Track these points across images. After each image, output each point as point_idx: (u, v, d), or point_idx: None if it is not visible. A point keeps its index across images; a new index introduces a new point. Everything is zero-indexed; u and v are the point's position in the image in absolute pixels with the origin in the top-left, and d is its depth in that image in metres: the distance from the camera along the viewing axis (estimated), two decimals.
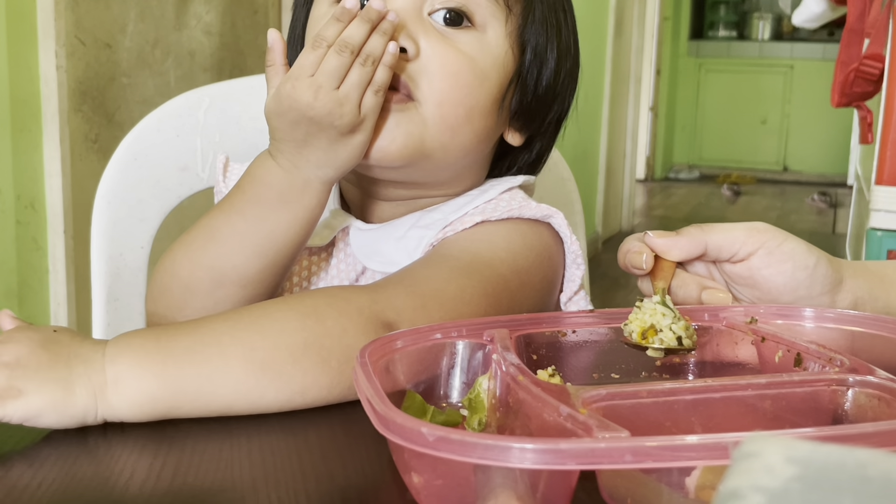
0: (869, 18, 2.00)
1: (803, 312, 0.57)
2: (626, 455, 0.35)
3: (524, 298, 0.67)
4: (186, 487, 0.44)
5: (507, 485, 0.38)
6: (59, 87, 1.54)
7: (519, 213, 0.70)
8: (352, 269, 0.74)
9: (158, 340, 0.54)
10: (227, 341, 0.54)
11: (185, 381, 0.52)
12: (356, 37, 0.62)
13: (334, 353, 0.54)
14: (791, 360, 0.52)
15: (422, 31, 0.67)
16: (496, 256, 0.66)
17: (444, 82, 0.67)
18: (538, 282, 0.69)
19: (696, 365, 0.57)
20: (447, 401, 0.53)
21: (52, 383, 0.51)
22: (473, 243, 0.67)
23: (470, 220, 0.69)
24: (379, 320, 0.57)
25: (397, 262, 0.70)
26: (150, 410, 0.52)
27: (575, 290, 0.73)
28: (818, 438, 0.36)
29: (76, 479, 0.46)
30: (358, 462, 0.47)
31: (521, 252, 0.68)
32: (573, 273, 0.73)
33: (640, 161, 6.29)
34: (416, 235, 0.72)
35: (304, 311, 0.56)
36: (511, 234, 0.69)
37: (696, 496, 0.39)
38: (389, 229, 0.73)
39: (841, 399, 0.46)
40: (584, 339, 0.56)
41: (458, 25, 0.68)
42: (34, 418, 0.50)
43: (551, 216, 0.71)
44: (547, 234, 0.71)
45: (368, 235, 0.74)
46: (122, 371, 0.52)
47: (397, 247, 0.72)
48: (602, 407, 0.42)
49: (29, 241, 1.54)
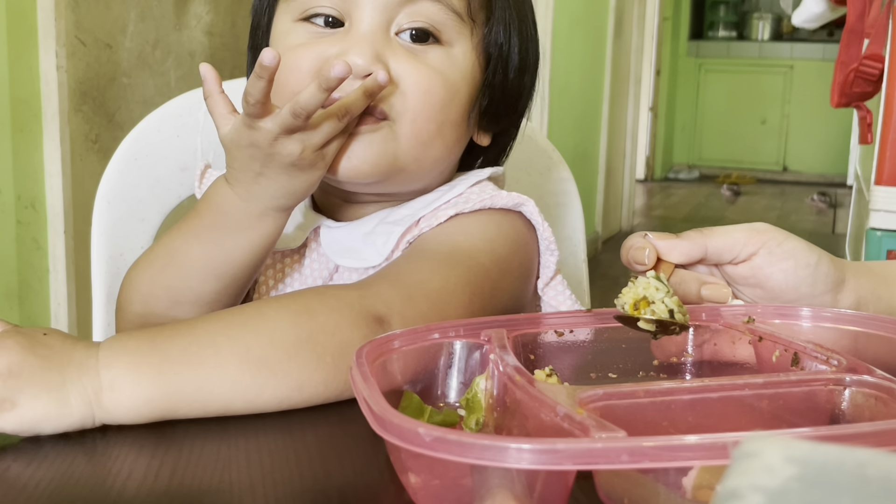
0: (869, 18, 2.00)
1: (800, 312, 0.57)
2: (623, 455, 0.35)
3: (505, 286, 0.68)
4: (184, 488, 0.44)
5: (504, 485, 0.38)
6: (59, 88, 1.54)
7: (491, 203, 0.71)
8: (324, 267, 0.75)
9: (153, 343, 0.53)
10: (223, 341, 0.54)
11: (181, 384, 0.52)
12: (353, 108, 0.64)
13: (328, 348, 0.55)
14: (788, 359, 0.52)
15: (390, 51, 0.68)
16: (474, 246, 0.67)
17: (416, 99, 0.68)
18: (516, 269, 0.71)
19: (694, 365, 0.57)
20: (444, 401, 0.53)
21: (45, 393, 0.50)
22: (451, 236, 0.68)
23: (444, 214, 0.70)
24: (370, 314, 0.57)
25: (367, 258, 0.72)
26: (147, 414, 0.52)
27: (551, 276, 0.74)
28: (816, 438, 0.36)
29: (74, 479, 0.46)
30: (355, 462, 0.47)
31: (498, 241, 0.69)
32: (547, 259, 0.74)
33: (639, 161, 6.29)
34: (385, 231, 0.72)
35: (296, 308, 0.57)
36: (486, 224, 0.70)
37: (694, 496, 0.39)
38: (358, 225, 0.75)
39: (838, 398, 0.46)
40: (581, 338, 0.56)
41: (424, 42, 0.69)
42: (30, 429, 0.50)
43: (523, 204, 0.72)
44: (519, 222, 0.72)
45: (338, 233, 0.75)
46: (118, 376, 0.51)
47: (366, 242, 0.73)
48: (599, 407, 0.42)
49: (29, 241, 1.54)
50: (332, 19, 0.69)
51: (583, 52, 4.01)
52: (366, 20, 0.68)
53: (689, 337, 0.58)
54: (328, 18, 0.69)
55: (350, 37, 0.68)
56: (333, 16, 0.69)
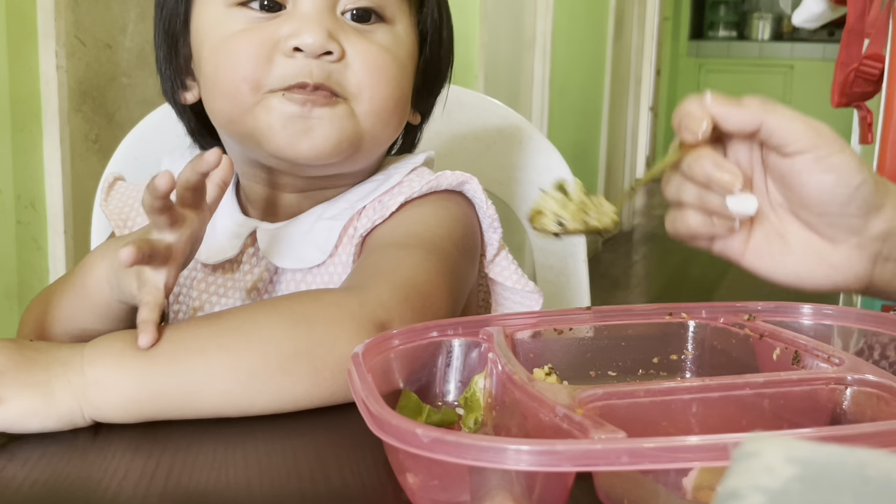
0: (869, 18, 2.00)
1: (801, 309, 0.57)
2: (623, 456, 0.35)
3: (465, 267, 0.69)
4: (180, 489, 0.44)
5: (503, 486, 0.38)
6: (59, 87, 1.54)
7: (437, 185, 0.71)
8: (264, 270, 0.73)
9: (138, 350, 0.53)
10: (212, 349, 0.53)
11: (167, 388, 0.52)
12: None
13: (327, 362, 0.53)
14: (789, 357, 0.51)
15: (340, 31, 0.68)
16: (436, 234, 0.67)
17: (371, 77, 0.68)
18: (470, 249, 0.71)
19: (694, 363, 0.57)
20: (443, 400, 0.52)
21: (30, 388, 0.50)
22: (410, 226, 0.68)
23: (393, 203, 0.69)
24: (371, 323, 0.55)
25: (307, 257, 0.71)
26: (136, 412, 0.52)
27: (495, 253, 0.75)
28: (818, 438, 0.36)
29: (69, 481, 0.45)
30: (353, 463, 0.47)
31: (451, 224, 0.69)
32: (491, 237, 0.74)
33: (640, 161, 6.28)
34: (325, 227, 0.72)
35: (293, 318, 0.55)
36: (437, 209, 0.70)
37: (694, 497, 0.38)
38: (295, 225, 0.73)
39: (839, 398, 0.46)
40: (580, 336, 0.56)
41: (368, 21, 0.69)
42: (16, 425, 0.50)
43: (466, 182, 0.72)
44: (463, 201, 0.73)
45: (275, 234, 0.73)
46: (101, 374, 0.51)
47: (305, 241, 0.72)
48: (598, 407, 0.42)
49: (29, 241, 1.53)
50: (269, 3, 0.68)
51: (583, 52, 4.01)
52: (310, 1, 0.67)
53: (690, 334, 0.57)
54: (265, 2, 0.68)
55: (297, 17, 0.67)
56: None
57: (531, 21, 3.31)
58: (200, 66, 0.71)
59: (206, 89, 0.71)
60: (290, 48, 0.66)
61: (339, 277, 0.70)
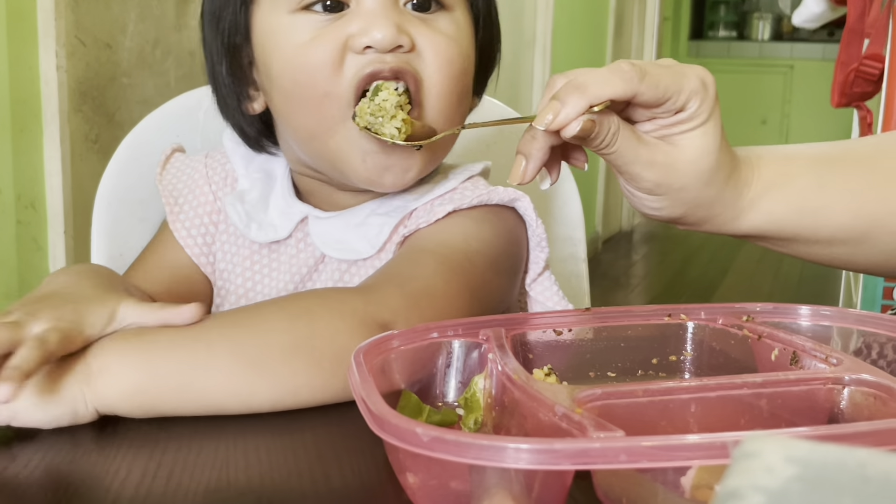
0: (869, 18, 2.00)
1: (799, 311, 0.57)
2: (621, 455, 0.35)
3: (497, 286, 0.68)
4: (182, 487, 0.44)
5: (502, 485, 0.38)
6: (59, 87, 1.54)
7: (487, 199, 0.70)
8: (310, 256, 0.74)
9: (142, 335, 0.54)
10: (215, 337, 0.54)
11: (169, 373, 0.52)
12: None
13: (326, 354, 0.54)
14: (787, 358, 0.52)
15: (406, 23, 0.66)
16: (471, 248, 0.67)
17: (442, 70, 0.67)
18: (508, 268, 0.71)
19: (693, 364, 0.57)
20: (443, 400, 0.53)
21: (35, 381, 0.50)
22: (449, 236, 0.67)
23: (441, 210, 0.69)
24: (374, 321, 0.56)
25: (358, 249, 0.71)
26: (139, 402, 0.52)
27: (539, 272, 0.74)
28: (815, 438, 0.36)
29: (71, 479, 0.46)
30: (353, 462, 0.47)
31: (492, 241, 0.69)
32: (537, 256, 0.73)
33: None
34: (377, 223, 0.72)
35: (295, 311, 0.56)
36: (482, 223, 0.69)
37: (692, 495, 0.39)
38: (348, 216, 0.73)
39: (837, 397, 0.46)
40: (580, 337, 0.56)
41: (428, 10, 0.68)
42: (21, 416, 0.50)
43: (518, 199, 0.71)
44: (512, 218, 0.72)
45: (327, 224, 0.74)
46: (105, 363, 0.52)
47: (357, 234, 0.72)
48: (597, 406, 0.42)
49: (29, 241, 1.54)
50: (332, 4, 0.66)
51: (583, 52, 4.01)
52: None
53: (688, 335, 0.57)
54: (327, 3, 0.66)
55: (363, 15, 0.65)
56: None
57: (531, 21, 3.31)
58: (271, 76, 0.69)
59: (284, 103, 0.69)
60: (360, 46, 0.65)
61: None
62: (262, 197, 0.77)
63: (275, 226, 0.75)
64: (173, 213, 0.78)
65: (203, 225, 0.78)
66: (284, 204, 0.76)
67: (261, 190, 0.77)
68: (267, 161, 0.79)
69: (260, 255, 0.76)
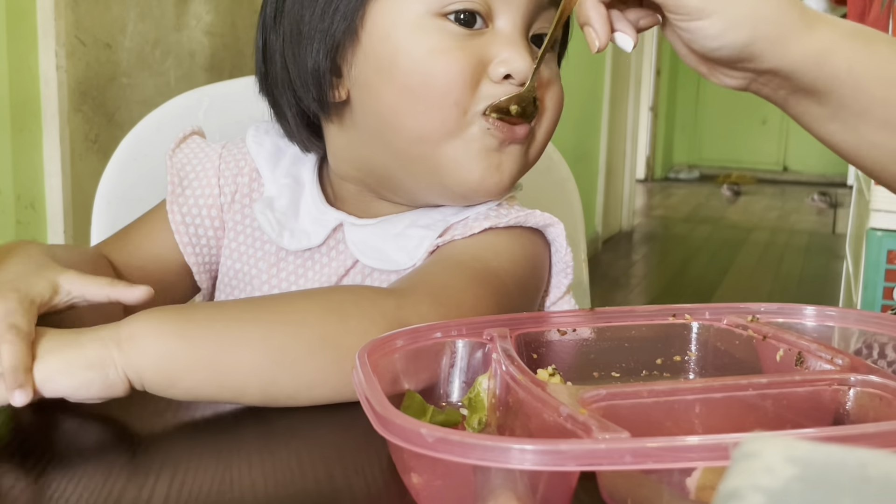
0: (869, 18, 2.00)
1: (804, 311, 0.57)
2: (626, 456, 0.35)
3: (518, 305, 0.68)
4: (185, 488, 0.44)
5: (506, 485, 0.38)
6: (59, 87, 1.54)
7: (524, 221, 0.70)
8: (341, 264, 0.73)
9: (179, 310, 0.54)
10: (248, 318, 0.54)
11: (202, 345, 0.52)
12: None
13: (351, 353, 0.52)
14: (792, 359, 0.51)
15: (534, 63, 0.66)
16: (501, 267, 0.66)
17: (553, 111, 0.70)
18: (532, 290, 0.71)
19: (698, 364, 0.57)
20: (447, 400, 0.53)
21: (64, 346, 0.51)
22: (482, 251, 0.67)
23: (478, 226, 0.68)
24: (401, 326, 0.55)
25: (395, 260, 0.70)
26: (166, 372, 0.52)
27: (559, 296, 0.74)
28: (820, 439, 0.36)
29: (72, 480, 0.45)
30: (358, 462, 0.47)
31: (521, 262, 0.69)
32: (560, 280, 0.73)
33: (640, 161, 6.29)
34: (417, 235, 0.71)
35: (328, 306, 0.56)
36: (514, 244, 0.69)
37: (697, 497, 0.38)
38: (386, 226, 0.72)
39: (842, 398, 0.46)
40: (584, 337, 0.56)
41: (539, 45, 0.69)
42: (44, 387, 0.50)
43: (551, 225, 0.71)
44: (540, 241, 0.72)
45: (365, 231, 0.73)
46: (139, 329, 0.52)
47: (396, 245, 0.71)
48: (602, 407, 0.42)
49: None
50: (466, 17, 0.65)
51: (583, 53, 4.01)
52: (513, 22, 0.66)
53: (693, 335, 0.57)
54: (462, 15, 0.65)
55: (502, 41, 0.66)
56: (475, 11, 0.65)
57: None
58: (390, 72, 0.66)
59: (399, 100, 0.67)
60: (500, 75, 0.65)
61: None
62: (293, 203, 0.75)
63: (308, 233, 0.74)
64: (174, 195, 0.77)
65: (200, 216, 0.77)
66: (317, 210, 0.75)
67: (290, 196, 0.76)
68: (293, 165, 0.77)
69: (287, 262, 0.75)
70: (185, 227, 0.77)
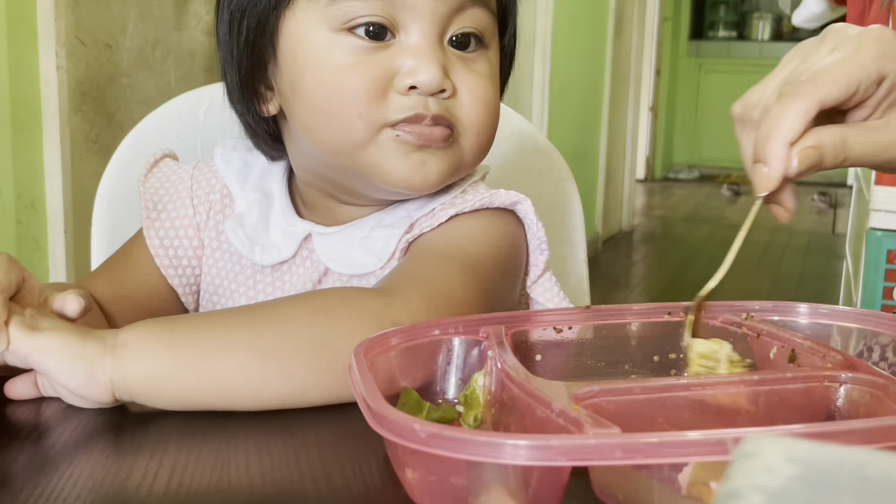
0: (869, 18, 2.00)
1: (798, 309, 0.57)
2: (617, 451, 0.35)
3: (503, 287, 0.68)
4: (183, 487, 0.45)
5: (498, 480, 0.38)
6: (59, 88, 1.54)
7: (490, 202, 0.70)
8: (314, 272, 0.73)
9: (168, 319, 0.56)
10: (234, 324, 0.55)
11: (188, 351, 0.53)
12: None
13: (340, 354, 0.53)
14: (785, 356, 0.52)
15: (449, 64, 0.67)
16: (480, 251, 0.67)
17: (478, 113, 0.68)
18: (513, 269, 0.71)
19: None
20: (443, 397, 0.53)
21: (68, 330, 0.53)
22: (458, 238, 0.67)
23: (444, 215, 0.69)
24: (392, 324, 0.55)
25: (364, 263, 0.71)
26: (154, 381, 0.52)
27: (539, 274, 0.74)
28: (811, 435, 0.36)
29: (71, 480, 0.46)
30: (355, 461, 0.48)
31: (498, 244, 0.69)
32: (537, 258, 0.73)
33: (639, 161, 6.28)
34: (383, 235, 0.71)
35: (313, 307, 0.56)
36: (486, 226, 0.70)
37: (688, 492, 0.39)
38: (353, 230, 0.73)
39: (834, 395, 0.46)
40: (579, 335, 0.56)
41: (467, 48, 0.69)
42: (35, 354, 0.51)
43: (518, 202, 0.71)
44: (513, 220, 0.72)
45: (332, 239, 0.73)
46: (130, 338, 0.53)
47: (363, 248, 0.71)
48: (595, 403, 0.42)
49: (29, 241, 1.54)
50: (375, 29, 0.65)
51: (583, 52, 4.01)
52: (421, 30, 0.66)
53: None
54: (370, 28, 0.65)
55: (410, 51, 0.65)
56: (381, 24, 0.65)
57: (531, 21, 3.31)
58: (300, 89, 0.67)
59: (311, 117, 0.67)
60: (405, 87, 0.65)
61: None
62: (262, 218, 0.76)
63: (278, 247, 0.74)
64: (149, 220, 0.78)
65: (178, 238, 0.78)
66: (286, 223, 0.75)
67: (259, 211, 0.76)
68: (261, 179, 0.78)
69: (263, 275, 0.75)
70: (164, 251, 0.77)
